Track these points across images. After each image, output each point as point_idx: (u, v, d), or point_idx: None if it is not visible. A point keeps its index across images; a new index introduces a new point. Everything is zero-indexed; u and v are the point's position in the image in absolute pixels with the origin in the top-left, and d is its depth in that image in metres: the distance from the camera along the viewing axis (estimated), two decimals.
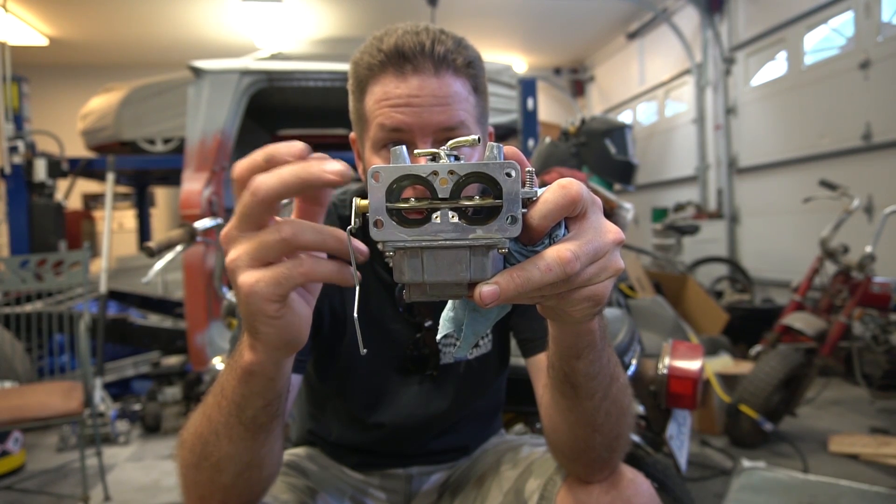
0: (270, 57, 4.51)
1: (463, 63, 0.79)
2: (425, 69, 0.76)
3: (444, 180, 0.42)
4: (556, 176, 2.18)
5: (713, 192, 6.06)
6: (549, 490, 0.79)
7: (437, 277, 0.43)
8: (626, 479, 0.75)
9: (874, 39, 4.17)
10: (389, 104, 0.76)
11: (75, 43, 7.36)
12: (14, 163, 3.93)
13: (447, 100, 0.77)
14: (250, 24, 6.75)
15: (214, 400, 0.61)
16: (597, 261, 0.45)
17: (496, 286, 0.42)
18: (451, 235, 0.42)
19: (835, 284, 3.01)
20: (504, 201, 0.42)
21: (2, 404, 2.11)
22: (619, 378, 0.68)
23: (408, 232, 0.43)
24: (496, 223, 0.42)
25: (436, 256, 0.43)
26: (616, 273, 0.47)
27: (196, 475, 0.65)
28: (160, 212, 8.20)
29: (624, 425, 0.71)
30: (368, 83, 0.79)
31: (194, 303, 3.11)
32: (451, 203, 0.43)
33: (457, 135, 0.78)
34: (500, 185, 0.42)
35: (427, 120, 0.76)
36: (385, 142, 0.79)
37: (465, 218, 0.43)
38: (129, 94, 4.63)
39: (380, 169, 0.42)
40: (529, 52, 8.61)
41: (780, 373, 2.71)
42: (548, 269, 0.43)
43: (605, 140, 2.72)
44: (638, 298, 3.41)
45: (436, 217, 0.43)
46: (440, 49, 0.76)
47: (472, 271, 0.43)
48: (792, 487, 2.13)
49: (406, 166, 0.42)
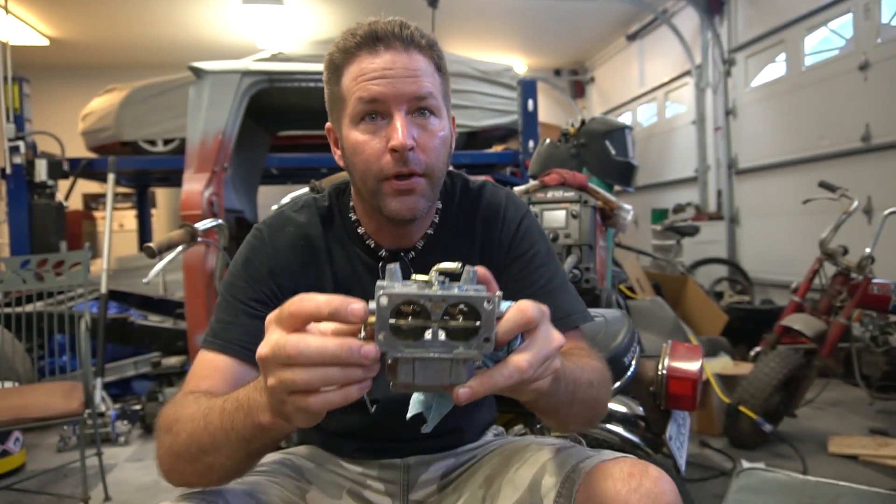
0: (271, 58, 4.51)
1: (427, 44, 0.87)
2: (396, 46, 0.84)
3: (437, 307, 0.53)
4: (556, 177, 2.18)
5: (713, 194, 6.06)
6: (567, 487, 0.79)
7: (424, 381, 0.55)
8: (651, 477, 0.74)
9: (873, 41, 4.18)
10: (366, 78, 0.83)
11: (76, 43, 7.37)
12: (15, 163, 3.93)
13: (417, 72, 0.84)
14: (251, 26, 6.75)
15: (220, 422, 0.67)
16: (544, 364, 0.59)
17: (470, 389, 0.56)
18: (438, 350, 0.54)
19: (834, 286, 3.02)
20: (482, 325, 0.54)
21: (2, 404, 2.11)
22: (581, 381, 0.78)
23: (405, 344, 0.53)
24: (474, 341, 0.54)
25: (425, 366, 0.55)
26: (555, 371, 0.62)
27: (183, 466, 0.72)
28: (161, 212, 8.20)
29: (598, 405, 0.85)
30: (344, 65, 0.86)
31: (195, 303, 3.11)
32: (441, 323, 0.54)
33: (426, 105, 0.85)
34: (480, 313, 0.53)
35: (400, 90, 0.83)
36: (364, 114, 0.84)
37: (449, 334, 0.54)
38: (130, 95, 4.64)
39: (388, 294, 0.53)
40: (529, 53, 8.62)
41: (779, 374, 2.72)
42: (509, 376, 0.57)
43: (605, 141, 2.72)
44: (638, 299, 3.42)
45: (428, 334, 0.54)
46: (406, 32, 0.85)
47: (452, 377, 0.55)
48: (791, 488, 2.13)
49: (409, 294, 0.53)
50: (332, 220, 0.97)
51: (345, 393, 0.55)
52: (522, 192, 2.23)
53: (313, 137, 5.30)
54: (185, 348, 3.64)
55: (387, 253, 0.95)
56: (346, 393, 0.55)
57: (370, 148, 0.84)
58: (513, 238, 0.97)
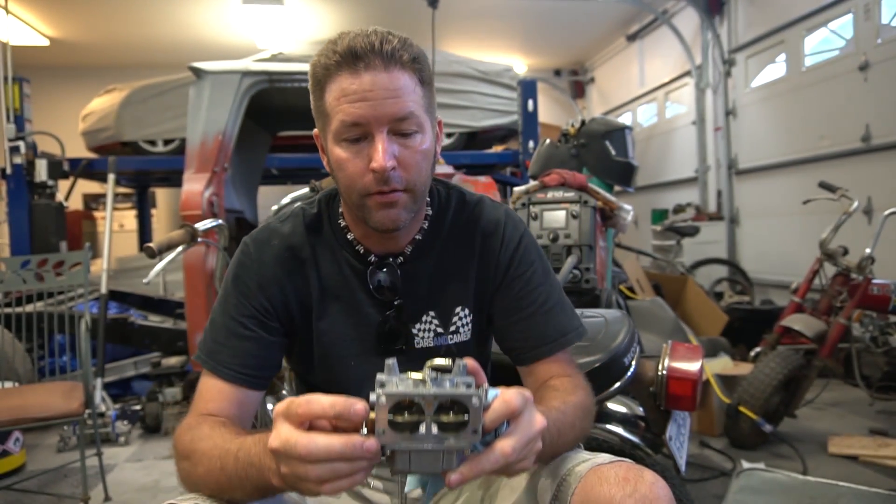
0: (271, 58, 4.51)
1: (409, 59, 0.86)
2: (376, 66, 0.84)
3: (430, 404, 0.60)
4: (556, 177, 2.18)
5: (713, 194, 6.06)
6: (563, 490, 0.80)
7: (419, 469, 0.62)
8: (646, 482, 0.74)
9: (873, 41, 4.18)
10: (348, 100, 0.84)
11: (76, 44, 7.36)
12: (15, 163, 3.94)
13: (398, 92, 0.84)
14: (251, 26, 6.75)
15: (234, 470, 0.72)
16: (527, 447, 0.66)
17: (461, 474, 0.62)
18: (431, 442, 0.61)
19: (834, 286, 3.01)
20: (470, 419, 0.60)
21: (2, 404, 2.11)
22: (565, 427, 0.82)
23: (401, 437, 0.60)
24: (464, 433, 0.61)
25: (420, 455, 0.62)
26: (537, 452, 0.68)
27: (206, 492, 0.78)
28: (161, 212, 8.21)
29: (582, 435, 0.89)
30: (326, 82, 0.87)
31: (195, 303, 3.11)
32: (434, 418, 0.60)
33: (407, 125, 0.86)
34: (468, 408, 0.60)
35: (381, 112, 0.84)
36: (346, 135, 0.86)
37: (441, 427, 0.60)
38: (130, 95, 4.64)
39: (386, 393, 0.60)
40: (529, 53, 8.62)
41: (779, 374, 2.72)
42: (495, 461, 0.63)
43: (605, 141, 2.72)
44: (638, 300, 3.42)
45: (422, 427, 0.60)
46: (388, 47, 0.84)
47: (444, 464, 0.62)
48: (791, 489, 2.14)
49: (405, 394, 0.60)
50: (321, 226, 0.99)
51: (351, 480, 0.62)
52: (522, 192, 2.23)
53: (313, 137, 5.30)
54: (185, 349, 3.64)
55: (376, 258, 0.97)
56: (353, 480, 0.62)
57: (353, 166, 0.86)
58: (511, 257, 0.99)
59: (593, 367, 1.21)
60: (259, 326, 0.91)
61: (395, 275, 0.96)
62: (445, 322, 0.99)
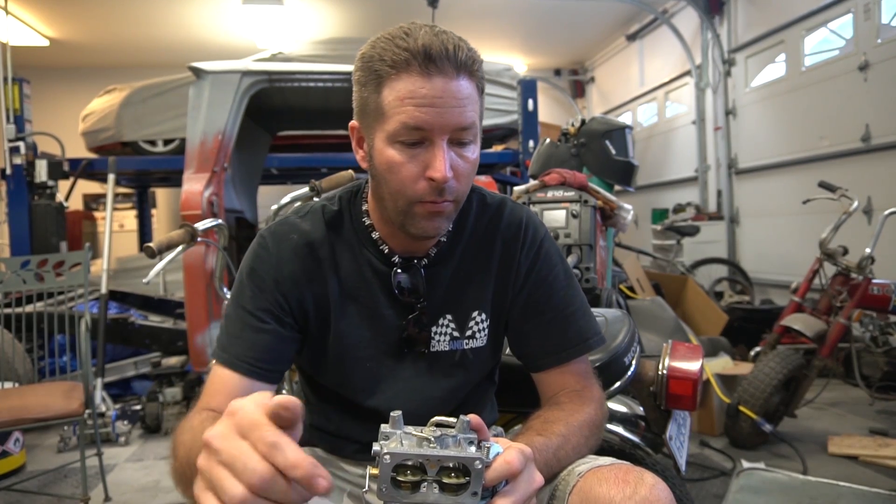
0: (271, 58, 4.51)
1: (476, 68, 0.84)
2: (448, 72, 0.80)
3: (433, 465, 0.61)
4: (556, 177, 2.18)
5: (713, 194, 6.07)
6: (561, 489, 0.80)
7: None
8: (646, 484, 0.74)
9: (873, 41, 4.18)
10: (414, 103, 0.80)
11: (76, 44, 7.37)
12: (15, 164, 3.94)
13: (464, 101, 0.82)
14: (251, 26, 6.75)
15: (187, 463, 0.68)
16: None
17: None
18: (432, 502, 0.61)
19: (834, 286, 3.01)
20: (472, 481, 0.61)
21: (2, 405, 2.11)
22: (569, 454, 0.83)
23: (402, 495, 0.60)
24: (465, 494, 0.61)
25: None
26: None
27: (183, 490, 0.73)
28: (161, 212, 8.21)
29: (585, 453, 0.88)
30: (389, 79, 0.81)
31: (195, 303, 3.11)
32: (435, 478, 0.61)
33: (466, 135, 0.83)
34: (470, 470, 0.61)
35: (447, 120, 0.81)
36: (405, 138, 0.82)
37: (442, 487, 0.61)
38: (130, 95, 4.64)
39: (391, 452, 0.59)
40: (530, 53, 8.62)
41: (779, 374, 2.72)
42: None
43: (605, 141, 2.72)
44: (638, 299, 3.42)
45: (423, 487, 0.61)
46: (461, 55, 0.81)
47: None
48: (791, 489, 2.14)
49: (409, 454, 0.60)
50: (342, 224, 0.96)
51: None
52: (522, 191, 2.23)
53: (313, 137, 5.30)
54: (185, 348, 3.64)
55: (400, 259, 0.94)
56: None
57: (407, 171, 0.83)
58: (533, 261, 0.98)
59: (594, 366, 1.20)
60: (274, 320, 0.89)
61: (419, 278, 0.94)
62: (462, 326, 0.97)
